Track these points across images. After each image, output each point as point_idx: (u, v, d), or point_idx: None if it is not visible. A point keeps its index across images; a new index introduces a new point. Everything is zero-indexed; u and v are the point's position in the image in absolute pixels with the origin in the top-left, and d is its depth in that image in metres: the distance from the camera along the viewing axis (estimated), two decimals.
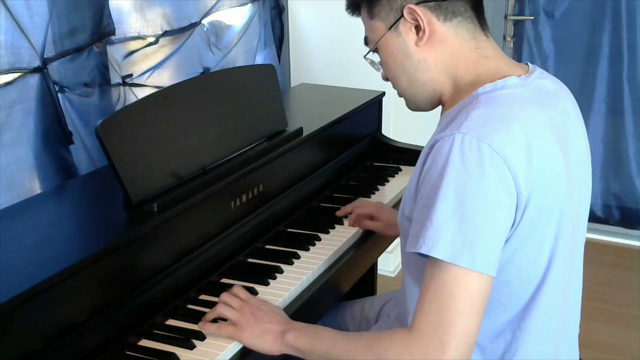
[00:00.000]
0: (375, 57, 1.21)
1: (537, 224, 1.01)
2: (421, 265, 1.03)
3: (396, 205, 1.81)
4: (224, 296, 1.22)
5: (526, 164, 0.97)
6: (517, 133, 0.98)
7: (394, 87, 1.20)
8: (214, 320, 1.22)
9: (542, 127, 1.02)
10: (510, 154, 0.96)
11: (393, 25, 1.11)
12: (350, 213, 1.63)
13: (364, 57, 1.23)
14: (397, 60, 1.14)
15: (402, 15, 1.10)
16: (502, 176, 0.95)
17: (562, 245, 1.06)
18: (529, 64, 1.15)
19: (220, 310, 1.20)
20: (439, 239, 0.95)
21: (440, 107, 1.21)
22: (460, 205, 0.95)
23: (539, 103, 1.06)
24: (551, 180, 1.01)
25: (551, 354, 1.12)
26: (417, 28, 1.10)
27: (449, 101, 1.14)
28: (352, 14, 1.21)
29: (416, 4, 1.08)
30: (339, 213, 1.65)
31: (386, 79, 1.21)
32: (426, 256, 0.98)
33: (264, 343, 1.15)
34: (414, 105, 1.21)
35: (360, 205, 1.64)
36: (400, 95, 1.21)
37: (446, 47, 1.10)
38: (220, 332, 1.18)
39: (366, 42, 1.20)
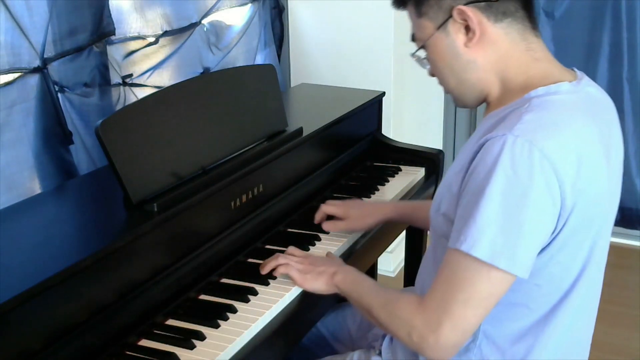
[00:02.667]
0: (421, 52, 1.18)
1: (576, 233, 1.01)
2: None
3: None
4: (282, 258, 1.35)
5: (575, 173, 0.97)
6: (569, 141, 0.98)
7: (441, 84, 1.18)
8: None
9: (592, 137, 1.02)
10: (560, 162, 0.95)
11: (442, 26, 1.09)
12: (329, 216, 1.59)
13: (411, 55, 1.20)
14: (446, 60, 1.12)
15: (451, 16, 1.07)
16: (549, 184, 0.95)
17: (596, 254, 1.06)
18: (575, 69, 1.13)
19: (284, 270, 1.33)
20: (481, 239, 0.97)
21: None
22: (505, 208, 0.95)
23: (589, 112, 1.05)
24: (596, 191, 1.01)
25: (570, 357, 1.13)
26: (467, 29, 1.07)
27: (495, 101, 1.12)
28: (398, 8, 1.17)
29: (466, 5, 1.05)
30: (317, 220, 1.58)
31: (432, 74, 1.19)
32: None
33: (319, 284, 1.29)
34: (461, 103, 1.20)
35: (329, 204, 1.59)
36: (447, 92, 1.19)
37: (496, 49, 1.08)
38: (287, 271, 1.33)
39: (413, 39, 1.17)
